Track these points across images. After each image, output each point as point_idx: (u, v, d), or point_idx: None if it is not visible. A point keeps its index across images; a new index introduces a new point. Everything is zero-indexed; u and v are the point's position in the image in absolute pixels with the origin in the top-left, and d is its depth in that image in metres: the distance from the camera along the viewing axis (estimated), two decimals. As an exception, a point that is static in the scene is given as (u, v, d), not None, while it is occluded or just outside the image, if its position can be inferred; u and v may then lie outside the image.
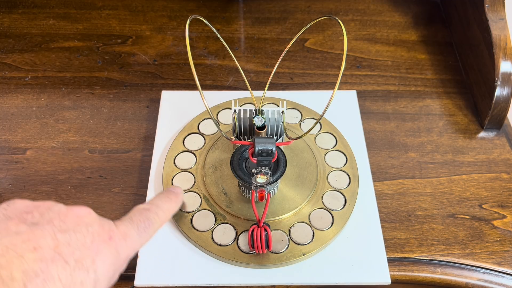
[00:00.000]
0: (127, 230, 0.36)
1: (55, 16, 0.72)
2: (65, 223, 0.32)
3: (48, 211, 0.33)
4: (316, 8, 0.74)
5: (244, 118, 0.48)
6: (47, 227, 0.31)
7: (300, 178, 0.51)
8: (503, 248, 0.49)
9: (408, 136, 0.59)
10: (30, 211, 0.33)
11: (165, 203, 0.41)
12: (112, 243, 0.34)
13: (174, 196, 0.43)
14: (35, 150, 0.56)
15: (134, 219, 0.38)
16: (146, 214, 0.38)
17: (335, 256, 0.47)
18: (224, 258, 0.46)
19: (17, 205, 0.33)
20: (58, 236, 0.31)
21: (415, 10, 0.75)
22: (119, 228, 0.35)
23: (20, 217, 0.32)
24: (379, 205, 0.52)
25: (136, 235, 0.37)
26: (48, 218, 0.32)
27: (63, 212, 0.33)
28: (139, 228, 0.37)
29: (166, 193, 0.43)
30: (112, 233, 0.34)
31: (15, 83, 0.63)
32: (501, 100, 0.57)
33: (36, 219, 0.32)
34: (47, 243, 0.30)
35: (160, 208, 0.40)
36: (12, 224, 0.31)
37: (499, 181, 0.55)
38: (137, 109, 0.61)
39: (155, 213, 0.39)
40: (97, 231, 0.33)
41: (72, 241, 0.31)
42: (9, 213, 0.32)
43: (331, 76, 0.65)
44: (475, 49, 0.63)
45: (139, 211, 0.39)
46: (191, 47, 0.56)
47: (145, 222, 0.38)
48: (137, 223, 0.37)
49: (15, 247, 0.29)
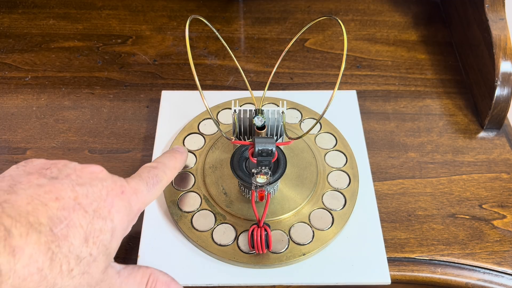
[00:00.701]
0: (137, 186, 0.38)
1: (55, 16, 0.72)
2: (81, 177, 0.35)
3: (65, 167, 0.35)
4: (316, 8, 0.74)
5: (244, 118, 0.48)
6: (65, 181, 0.34)
7: (300, 178, 0.51)
8: (503, 248, 0.49)
9: (408, 136, 0.59)
10: (48, 167, 0.35)
11: (171, 161, 0.44)
12: (125, 197, 0.36)
13: (179, 154, 0.45)
14: (35, 150, 0.56)
15: (143, 176, 0.40)
16: (154, 171, 0.41)
17: (335, 256, 0.47)
18: (224, 258, 0.46)
19: (35, 162, 0.36)
20: (77, 189, 0.34)
21: (415, 10, 0.75)
22: (130, 184, 0.38)
23: (40, 172, 0.34)
24: (379, 205, 0.52)
25: (146, 190, 0.39)
26: (66, 173, 0.35)
27: (78, 169, 0.36)
28: (148, 184, 0.39)
29: (171, 152, 0.45)
30: (124, 188, 0.37)
31: (15, 83, 0.63)
32: (501, 100, 0.57)
33: (54, 174, 0.34)
34: (67, 194, 0.33)
35: (167, 166, 0.42)
36: (33, 178, 0.33)
37: (499, 181, 0.55)
38: (137, 109, 0.61)
39: (163, 171, 0.42)
40: (110, 186, 0.36)
41: (89, 193, 0.34)
42: (28, 169, 0.35)
43: (331, 76, 0.65)
44: (475, 49, 0.63)
45: (147, 168, 0.41)
46: (191, 47, 0.56)
47: (154, 179, 0.40)
48: (146, 180, 0.40)
49: (39, 196, 0.32)
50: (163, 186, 0.42)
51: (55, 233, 0.31)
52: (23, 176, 0.34)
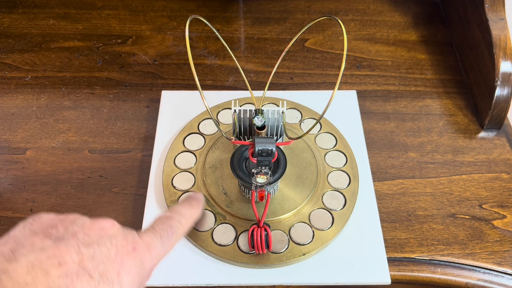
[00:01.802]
0: (150, 241, 0.36)
1: (55, 16, 0.72)
2: (89, 236, 0.33)
3: (72, 225, 0.33)
4: (316, 8, 0.74)
5: (244, 118, 0.48)
6: (71, 242, 0.32)
7: (300, 178, 0.51)
8: (503, 248, 0.49)
9: (408, 136, 0.59)
10: (55, 225, 0.33)
11: (187, 210, 0.41)
12: (137, 255, 0.34)
13: (195, 202, 0.43)
14: (35, 150, 0.56)
15: (157, 228, 0.37)
16: (168, 222, 0.38)
17: (335, 256, 0.47)
18: (224, 258, 0.46)
19: (42, 219, 0.34)
20: (83, 250, 0.31)
21: (415, 10, 0.75)
22: (142, 239, 0.35)
23: (46, 231, 0.32)
24: (379, 205, 0.52)
25: (160, 244, 0.36)
26: (73, 232, 0.33)
27: (87, 225, 0.34)
28: (162, 238, 0.37)
29: (188, 200, 0.43)
30: (136, 244, 0.34)
31: (15, 83, 0.63)
32: (501, 100, 0.57)
33: (60, 233, 0.33)
34: (71, 258, 0.31)
35: (183, 216, 0.40)
36: (37, 240, 0.31)
37: (499, 181, 0.55)
38: (137, 109, 0.61)
39: (178, 221, 0.39)
40: (121, 243, 0.33)
41: (96, 255, 0.32)
42: (35, 228, 0.33)
43: (331, 76, 0.65)
44: (475, 49, 0.63)
45: (161, 220, 0.38)
46: (191, 47, 0.56)
47: (168, 231, 0.37)
48: (160, 233, 0.37)
49: (40, 263, 0.30)
50: (179, 238, 0.39)
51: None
52: (28, 238, 0.32)
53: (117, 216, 0.51)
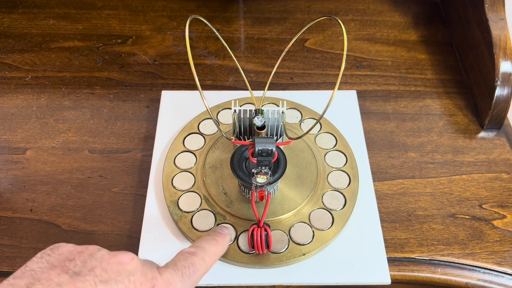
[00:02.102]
0: (171, 278, 0.35)
1: (55, 16, 0.72)
2: (107, 272, 0.32)
3: (91, 258, 0.33)
4: (316, 8, 0.74)
5: (244, 118, 0.48)
6: (88, 278, 0.31)
7: (300, 178, 0.51)
8: (503, 248, 0.49)
9: (408, 136, 0.59)
10: (73, 258, 0.33)
11: (212, 247, 0.40)
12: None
13: (221, 238, 0.42)
14: (35, 150, 0.56)
15: (179, 265, 0.36)
16: (191, 259, 0.37)
17: (335, 256, 0.47)
18: (224, 258, 0.46)
19: (61, 250, 0.33)
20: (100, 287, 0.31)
21: (415, 10, 0.75)
22: (162, 276, 0.34)
23: (63, 265, 0.32)
24: (379, 205, 0.52)
25: (180, 283, 0.35)
26: (90, 267, 0.32)
27: (105, 259, 0.33)
28: (183, 276, 0.36)
29: (213, 235, 0.41)
30: (156, 281, 0.34)
31: (15, 83, 0.63)
32: (501, 100, 0.57)
33: (78, 268, 0.32)
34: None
35: (207, 252, 0.39)
36: (54, 274, 0.31)
37: (499, 181, 0.55)
38: (137, 109, 0.61)
39: (201, 258, 0.38)
40: (139, 281, 0.33)
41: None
42: (52, 260, 0.32)
43: (331, 76, 0.65)
44: (475, 49, 0.63)
45: (184, 255, 0.37)
46: (191, 47, 0.56)
47: (190, 269, 0.36)
48: (181, 270, 0.36)
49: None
50: (201, 276, 0.38)
51: None
52: (45, 272, 0.31)
53: (117, 216, 0.51)
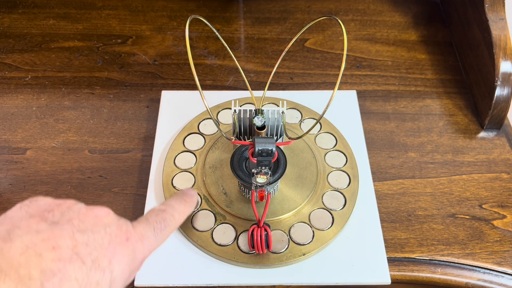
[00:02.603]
0: (143, 231, 0.36)
1: (55, 16, 0.72)
2: (84, 223, 0.33)
3: (69, 210, 0.34)
4: (316, 8, 0.74)
5: (244, 118, 0.48)
6: (66, 227, 0.32)
7: (300, 178, 0.51)
8: (503, 248, 0.49)
9: (408, 136, 0.59)
10: (52, 209, 0.34)
11: (180, 205, 0.41)
12: (129, 245, 0.34)
13: (189, 198, 0.43)
14: (35, 150, 0.56)
15: (151, 220, 0.38)
16: (162, 215, 0.39)
17: (335, 256, 0.47)
18: (224, 258, 0.46)
19: (39, 202, 0.34)
20: (77, 236, 0.32)
21: (415, 10, 0.75)
22: (136, 229, 0.36)
23: (42, 215, 0.33)
24: (379, 205, 0.52)
25: (153, 236, 0.37)
26: (68, 218, 0.33)
27: (82, 212, 0.34)
28: (155, 230, 0.37)
29: (181, 195, 0.43)
30: (129, 234, 0.35)
31: (15, 83, 0.63)
32: (501, 100, 0.57)
33: (56, 218, 0.33)
34: (65, 242, 0.31)
35: (176, 210, 0.40)
36: (33, 222, 0.32)
37: (499, 181, 0.55)
38: (137, 109, 0.61)
39: (171, 215, 0.39)
40: (114, 232, 0.34)
41: (90, 242, 0.32)
42: (31, 210, 0.33)
43: (331, 76, 0.65)
44: (475, 49, 0.63)
45: (155, 212, 0.39)
46: (191, 47, 0.56)
47: (161, 223, 0.38)
48: (153, 224, 0.37)
49: (34, 245, 0.30)
50: (171, 231, 0.39)
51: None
52: (24, 220, 0.32)
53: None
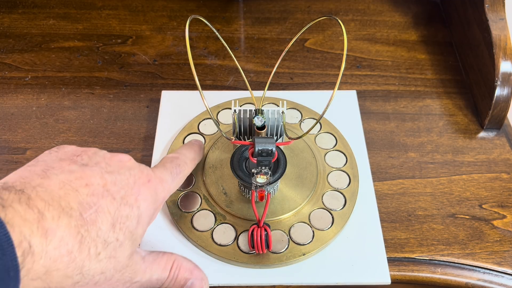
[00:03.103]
0: (162, 175, 0.40)
1: (55, 16, 0.72)
2: (110, 165, 0.36)
3: (95, 155, 0.37)
4: (316, 8, 0.74)
5: (244, 118, 0.48)
6: (95, 168, 0.35)
7: (300, 178, 0.51)
8: (503, 248, 0.49)
9: (408, 136, 0.59)
10: (79, 154, 0.37)
11: (191, 153, 0.46)
12: (151, 185, 0.38)
13: (197, 147, 0.48)
14: (35, 150, 0.56)
15: (167, 166, 0.42)
16: (177, 161, 0.43)
17: (335, 256, 0.47)
18: (224, 258, 0.46)
19: (66, 148, 0.37)
20: (106, 176, 0.35)
21: (415, 10, 0.75)
22: (155, 173, 0.40)
23: (71, 158, 0.36)
24: (379, 205, 0.52)
25: (170, 179, 0.41)
26: (96, 161, 0.36)
27: (108, 157, 0.37)
28: (172, 174, 0.42)
29: (189, 145, 0.48)
30: (150, 177, 0.38)
31: (15, 83, 0.63)
32: (501, 100, 0.57)
33: (85, 161, 0.36)
34: (96, 181, 0.34)
35: (188, 157, 0.45)
36: (65, 164, 0.35)
37: (499, 181, 0.55)
38: (137, 109, 0.61)
39: (184, 161, 0.44)
40: (138, 174, 0.37)
41: (117, 181, 0.35)
42: (60, 155, 0.36)
43: (331, 76, 0.65)
44: (475, 49, 0.63)
45: (170, 159, 0.43)
46: (191, 47, 0.56)
47: (177, 169, 0.42)
48: (170, 169, 0.42)
49: (70, 182, 0.33)
50: (185, 176, 0.44)
51: (84, 218, 0.32)
52: (56, 162, 0.35)
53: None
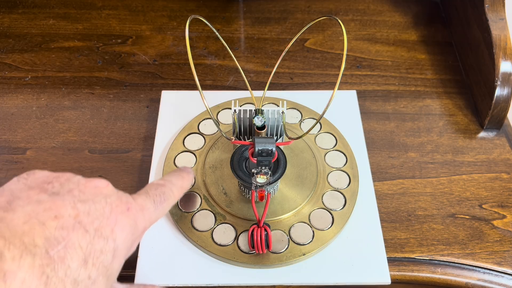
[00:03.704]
0: (144, 203, 0.37)
1: (55, 16, 0.72)
2: (84, 193, 0.33)
3: (68, 182, 0.34)
4: (316, 8, 0.74)
5: (244, 118, 0.48)
6: (67, 197, 0.32)
7: (300, 178, 0.51)
8: (503, 248, 0.49)
9: (408, 136, 0.59)
10: (50, 181, 0.34)
11: (178, 180, 0.42)
12: (130, 214, 0.35)
13: (186, 174, 0.44)
14: (35, 150, 0.56)
15: (150, 193, 0.38)
16: (161, 189, 0.39)
17: (335, 256, 0.47)
18: (224, 258, 0.46)
19: (37, 175, 0.34)
20: (78, 206, 0.32)
21: (415, 10, 0.75)
22: (136, 200, 0.36)
23: (41, 186, 0.33)
24: (379, 205, 0.52)
25: (153, 208, 0.37)
26: (68, 189, 0.33)
27: (82, 183, 0.34)
28: (155, 202, 0.38)
29: (178, 171, 0.44)
30: (130, 204, 0.35)
31: (15, 83, 0.63)
32: (501, 100, 0.57)
33: (56, 189, 0.33)
34: (67, 212, 0.31)
35: (174, 185, 0.41)
36: (33, 193, 0.32)
37: (499, 181, 0.55)
38: (137, 109, 0.61)
39: (170, 189, 0.40)
40: (115, 202, 0.34)
41: (91, 211, 0.32)
42: (29, 183, 0.33)
43: (331, 76, 0.65)
44: (475, 49, 0.63)
45: (154, 185, 0.40)
46: (191, 47, 0.56)
47: (161, 196, 0.39)
48: (153, 197, 0.38)
49: (37, 215, 0.30)
50: (170, 205, 0.40)
51: (51, 256, 0.29)
52: (24, 191, 0.32)
53: (117, 216, 0.51)
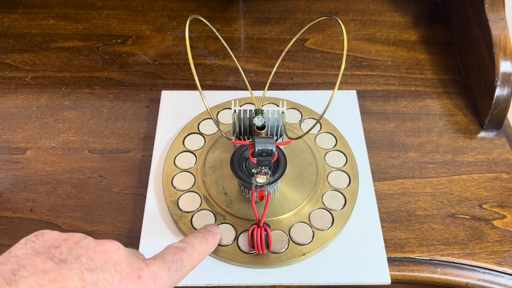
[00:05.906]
0: (157, 271, 0.35)
1: (55, 16, 0.72)
2: (93, 260, 0.32)
3: (77, 246, 0.33)
4: (316, 8, 0.74)
5: (244, 118, 0.48)
6: (74, 266, 0.31)
7: (300, 178, 0.51)
8: (503, 248, 0.49)
9: (408, 136, 0.59)
10: (59, 245, 0.32)
11: (201, 244, 0.40)
12: (141, 283, 0.33)
13: (211, 237, 0.42)
14: (35, 150, 0.56)
15: (167, 258, 0.36)
16: (179, 254, 0.37)
17: (335, 256, 0.47)
18: (224, 258, 0.46)
19: (45, 237, 0.33)
20: (85, 276, 0.31)
21: (415, 10, 0.75)
22: (149, 267, 0.34)
23: (49, 252, 0.32)
24: (379, 205, 0.52)
25: (167, 276, 0.35)
26: (76, 255, 0.32)
27: (91, 248, 0.33)
28: (170, 270, 0.36)
29: (203, 232, 0.41)
30: (142, 272, 0.33)
31: (15, 83, 0.63)
32: (501, 100, 0.57)
33: (64, 255, 0.32)
34: (73, 283, 0.30)
35: (195, 249, 0.39)
36: (39, 261, 0.31)
37: (499, 181, 0.55)
38: (137, 109, 0.61)
39: (190, 254, 0.38)
40: (125, 270, 0.33)
41: (99, 281, 0.31)
42: (37, 247, 0.32)
43: (331, 76, 0.65)
44: (475, 49, 0.63)
45: (173, 250, 0.37)
46: (191, 47, 0.56)
47: (178, 264, 0.36)
48: (169, 264, 0.36)
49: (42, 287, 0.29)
50: (187, 272, 0.37)
51: None
52: (29, 258, 0.31)
53: (117, 216, 0.51)
